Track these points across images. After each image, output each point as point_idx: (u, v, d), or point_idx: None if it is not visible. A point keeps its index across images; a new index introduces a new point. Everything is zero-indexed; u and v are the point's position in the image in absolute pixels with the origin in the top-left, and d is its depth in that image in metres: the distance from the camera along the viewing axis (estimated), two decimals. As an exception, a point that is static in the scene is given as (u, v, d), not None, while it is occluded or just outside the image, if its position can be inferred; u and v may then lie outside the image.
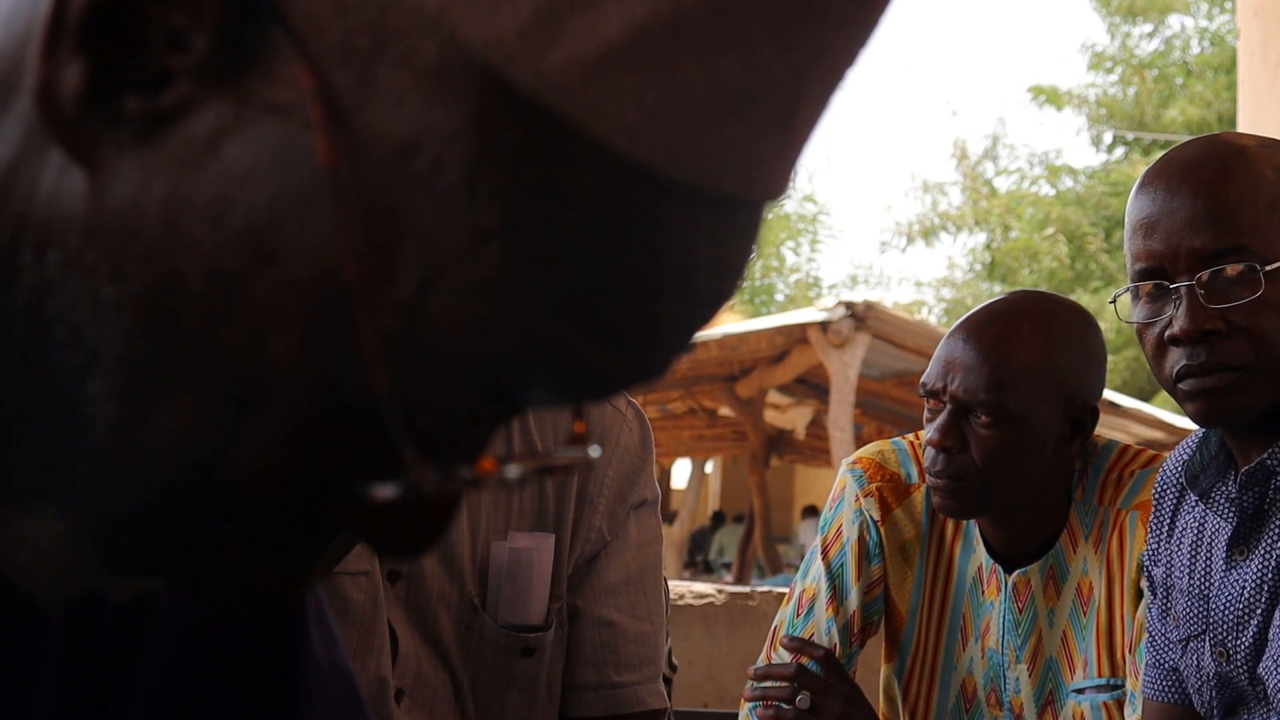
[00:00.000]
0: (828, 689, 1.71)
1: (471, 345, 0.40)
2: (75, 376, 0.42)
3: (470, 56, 0.38)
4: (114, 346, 0.41)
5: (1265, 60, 5.13)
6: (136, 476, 0.42)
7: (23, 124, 0.42)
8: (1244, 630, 1.35)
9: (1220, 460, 1.40)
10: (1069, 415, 1.65)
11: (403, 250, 0.39)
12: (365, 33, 0.39)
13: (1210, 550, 1.42)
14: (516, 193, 0.39)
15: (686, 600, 3.52)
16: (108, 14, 0.40)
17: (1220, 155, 1.33)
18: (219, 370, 0.41)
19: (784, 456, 13.69)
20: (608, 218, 0.39)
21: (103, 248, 0.41)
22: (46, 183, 0.42)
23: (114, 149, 0.41)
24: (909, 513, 1.80)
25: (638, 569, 1.55)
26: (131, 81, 0.40)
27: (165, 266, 0.40)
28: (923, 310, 19.75)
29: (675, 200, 0.40)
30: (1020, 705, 1.73)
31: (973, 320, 1.66)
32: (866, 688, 1.77)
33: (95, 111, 0.40)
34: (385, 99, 0.39)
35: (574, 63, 0.38)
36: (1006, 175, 20.24)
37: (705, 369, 10.44)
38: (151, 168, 0.40)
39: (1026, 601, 1.73)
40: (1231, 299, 1.29)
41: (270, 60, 0.39)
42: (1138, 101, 18.57)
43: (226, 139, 0.40)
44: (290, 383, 0.41)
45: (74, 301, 0.41)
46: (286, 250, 0.39)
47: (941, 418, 1.63)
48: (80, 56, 0.40)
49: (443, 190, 0.39)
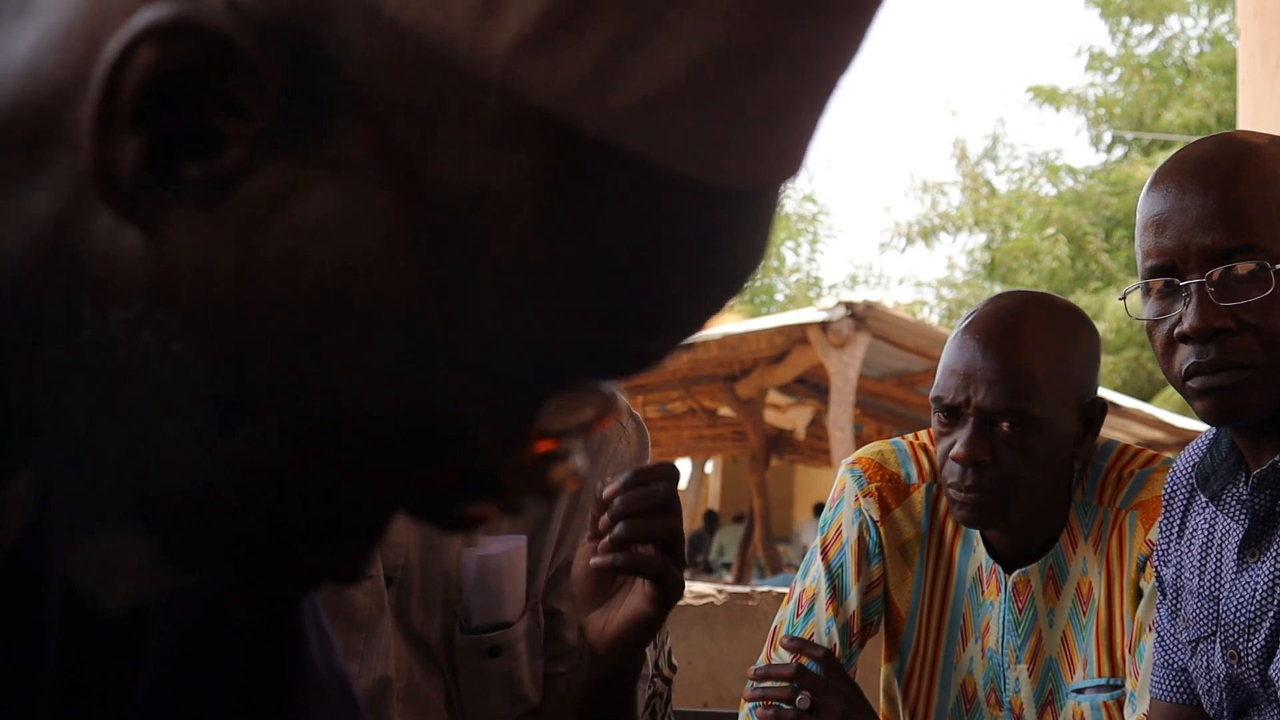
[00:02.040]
0: (828, 689, 1.71)
1: (540, 360, 0.43)
2: (150, 418, 0.43)
3: (535, 109, 0.39)
4: (190, 393, 0.42)
5: (1265, 60, 5.13)
6: (220, 499, 0.44)
7: (65, 178, 0.42)
8: (1255, 632, 1.35)
9: (1231, 462, 1.40)
10: (1082, 415, 1.65)
11: (482, 288, 0.41)
12: (425, 93, 0.39)
13: (1221, 552, 1.41)
14: (583, 220, 0.41)
15: (686, 600, 3.52)
16: (164, 89, 0.39)
17: (1232, 153, 1.33)
18: (300, 405, 0.42)
19: (784, 456, 13.70)
20: (655, 227, 0.42)
21: (173, 307, 0.41)
22: (99, 240, 0.42)
23: (174, 212, 0.41)
24: (909, 513, 1.80)
25: None
26: (189, 148, 0.40)
27: (240, 320, 0.41)
28: (923, 310, 19.74)
29: (712, 201, 0.42)
30: (1020, 705, 1.73)
31: (983, 327, 1.64)
32: (866, 688, 1.77)
33: (153, 180, 0.40)
34: (450, 152, 0.40)
35: (637, 102, 0.40)
36: (1006, 175, 20.24)
37: (705, 369, 10.44)
38: (217, 229, 0.41)
39: (1026, 602, 1.73)
40: (1242, 297, 1.29)
41: (330, 119, 0.40)
42: (1137, 101, 18.57)
43: (292, 197, 0.40)
44: (371, 413, 0.43)
45: (145, 355, 0.42)
46: (362, 298, 0.41)
47: (967, 432, 1.61)
48: (137, 133, 0.40)
49: (517, 230, 0.40)
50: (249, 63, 0.39)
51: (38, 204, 0.42)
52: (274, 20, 0.39)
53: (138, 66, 0.39)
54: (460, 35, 0.39)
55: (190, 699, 0.60)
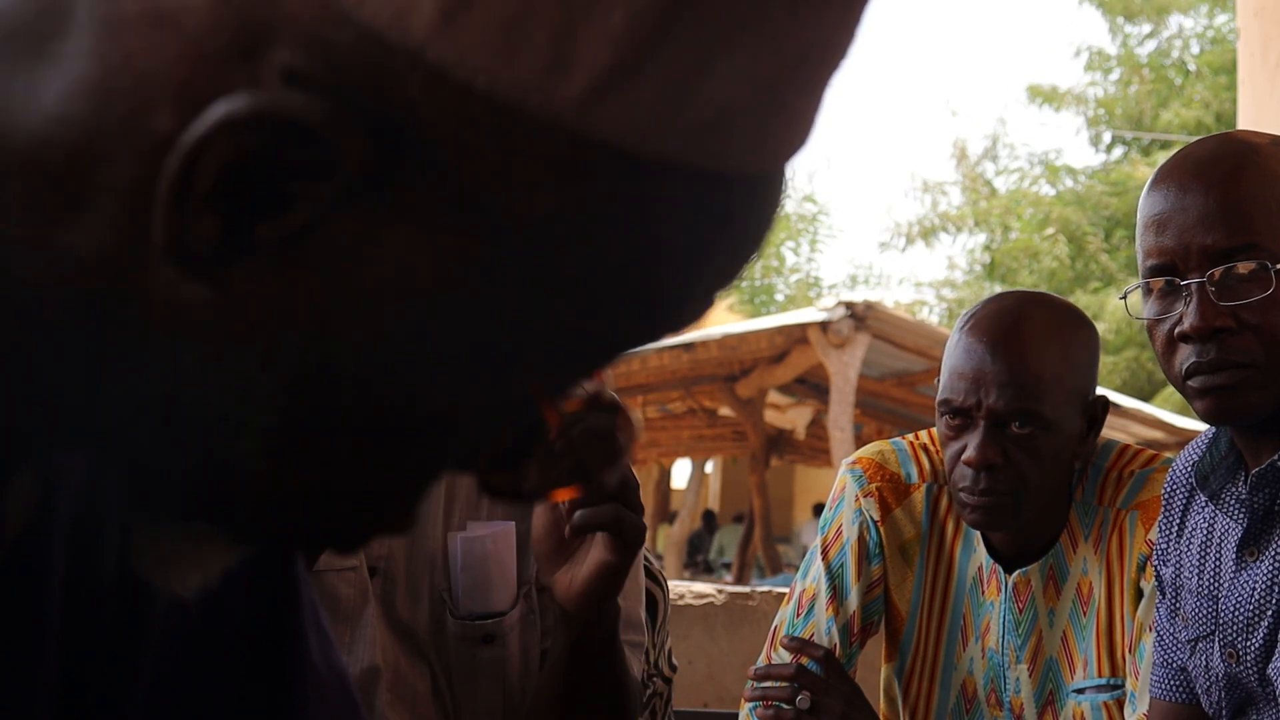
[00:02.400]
0: (828, 689, 1.71)
1: (574, 344, 0.46)
2: (221, 440, 0.44)
3: (603, 143, 0.41)
4: (263, 420, 0.44)
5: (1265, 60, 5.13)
6: (283, 496, 0.47)
7: (106, 227, 0.42)
8: (1254, 631, 1.35)
9: (1230, 461, 1.40)
10: (1085, 413, 1.66)
11: (535, 295, 0.43)
12: (493, 142, 0.41)
13: (1220, 551, 1.42)
14: (632, 223, 0.43)
15: (686, 600, 3.52)
16: (241, 170, 0.40)
17: (1234, 153, 1.33)
18: (365, 418, 0.45)
19: (784, 456, 13.70)
20: (689, 217, 0.44)
21: (247, 350, 0.43)
22: (163, 288, 0.42)
23: (244, 266, 0.41)
24: (909, 513, 1.80)
25: None
26: (262, 211, 0.41)
27: (310, 354, 0.43)
28: (923, 310, 19.74)
29: (735, 186, 0.44)
30: (1020, 705, 1.73)
31: (988, 328, 1.63)
32: (866, 688, 1.77)
33: (226, 244, 0.41)
34: (518, 190, 0.41)
35: (700, 124, 0.42)
36: (1006, 175, 20.24)
37: (705, 369, 10.44)
38: (286, 278, 0.42)
39: (1027, 602, 1.73)
40: (1242, 296, 1.29)
41: (399, 172, 0.41)
42: (1137, 102, 18.57)
43: (360, 245, 0.42)
44: (430, 413, 0.45)
45: (219, 390, 0.43)
46: (427, 324, 0.43)
47: (980, 435, 1.60)
48: (212, 209, 0.40)
49: (576, 246, 0.43)
50: (325, 137, 0.40)
51: (75, 243, 0.42)
52: (346, 92, 0.40)
53: (215, 156, 0.40)
54: (531, 90, 0.40)
55: (190, 699, 0.61)
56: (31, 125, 0.42)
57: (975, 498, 1.62)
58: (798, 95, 0.44)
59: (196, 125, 0.39)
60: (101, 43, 0.41)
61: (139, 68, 0.41)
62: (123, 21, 0.41)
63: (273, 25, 0.40)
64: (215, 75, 0.40)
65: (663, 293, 0.46)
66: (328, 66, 0.40)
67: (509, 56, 0.40)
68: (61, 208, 0.42)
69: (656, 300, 0.46)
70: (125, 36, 0.41)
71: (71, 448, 0.49)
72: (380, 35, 0.40)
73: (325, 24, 0.40)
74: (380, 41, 0.40)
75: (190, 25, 0.40)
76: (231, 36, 0.40)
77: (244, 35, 0.40)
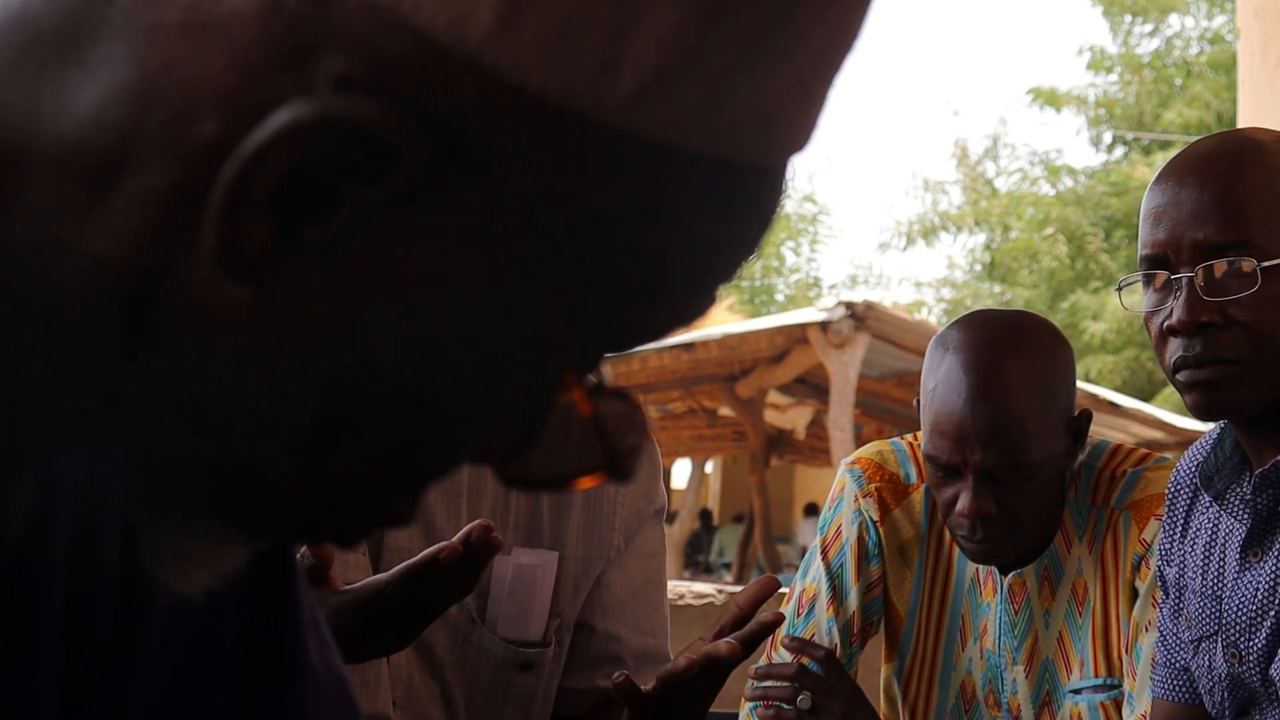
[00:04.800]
0: (829, 689, 1.71)
1: (588, 335, 0.47)
2: (249, 439, 0.45)
3: (646, 142, 0.42)
4: (294, 418, 0.44)
5: (1265, 60, 5.13)
6: (310, 503, 0.47)
7: (140, 230, 0.42)
8: (1257, 632, 1.35)
9: (1235, 461, 1.40)
10: (1070, 430, 1.65)
11: (564, 287, 0.44)
12: (540, 143, 0.41)
13: (1224, 551, 1.41)
14: (657, 213, 0.44)
15: (686, 600, 3.52)
16: (298, 177, 0.41)
17: (1235, 149, 1.33)
18: (402, 423, 0.45)
19: (784, 456, 13.69)
20: (696, 209, 0.45)
21: (284, 350, 0.43)
22: (200, 290, 0.43)
23: (289, 268, 0.42)
24: (908, 513, 1.80)
25: (641, 582, 1.55)
26: (310, 212, 0.41)
27: (354, 357, 0.43)
28: (923, 310, 19.73)
29: (744, 175, 0.45)
30: (1018, 707, 1.73)
31: (965, 380, 1.59)
32: (867, 688, 1.77)
33: (277, 248, 0.41)
34: (560, 189, 0.42)
35: (739, 121, 0.43)
36: (1007, 175, 20.22)
37: (705, 369, 10.44)
38: (330, 278, 0.42)
39: (1022, 603, 1.73)
40: (1231, 292, 1.29)
41: (447, 174, 0.42)
42: (1137, 102, 18.56)
43: (404, 245, 0.42)
44: (461, 406, 0.46)
45: (252, 389, 0.44)
46: (465, 320, 0.44)
47: (970, 489, 1.58)
48: (267, 215, 0.41)
49: (608, 237, 0.44)
50: (385, 142, 0.40)
51: (101, 245, 0.43)
52: (400, 97, 0.40)
53: (277, 162, 0.40)
54: (582, 92, 0.41)
55: (190, 701, 0.61)
56: (61, 129, 0.43)
57: (973, 544, 1.62)
58: (821, 87, 0.46)
59: (259, 131, 0.40)
60: (140, 50, 0.42)
61: (182, 75, 0.41)
62: (164, 30, 0.42)
63: (324, 33, 0.40)
64: (264, 83, 0.41)
65: (683, 282, 0.47)
66: (380, 72, 0.40)
67: (563, 59, 0.41)
68: (89, 210, 0.43)
69: (677, 289, 0.47)
70: (167, 44, 0.42)
71: (87, 446, 0.49)
72: (436, 40, 0.40)
73: (379, 31, 0.40)
74: (435, 46, 0.40)
75: (238, 35, 0.41)
76: (282, 45, 0.41)
77: (294, 44, 0.41)
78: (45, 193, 0.43)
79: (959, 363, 1.60)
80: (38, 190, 0.43)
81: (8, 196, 0.43)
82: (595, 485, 0.52)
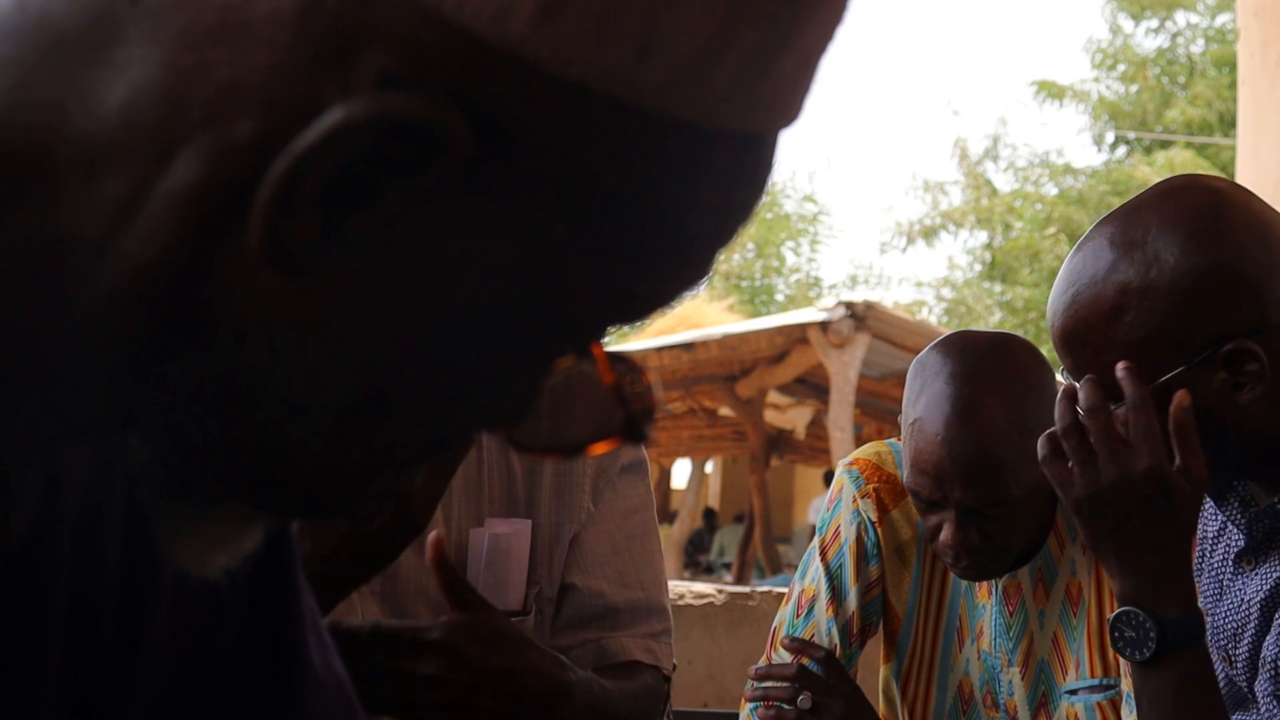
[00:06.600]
0: (829, 689, 1.71)
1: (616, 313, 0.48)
2: (279, 423, 0.45)
3: (676, 121, 0.44)
4: (327, 402, 0.45)
5: (1265, 60, 5.13)
6: (335, 484, 0.48)
7: (171, 226, 0.43)
8: (1240, 639, 1.37)
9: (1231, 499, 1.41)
10: None
11: (612, 271, 0.46)
12: (575, 128, 0.43)
13: (1224, 556, 1.43)
14: (673, 187, 0.45)
15: (686, 600, 3.52)
16: (347, 172, 0.41)
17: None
18: (431, 403, 0.46)
19: (784, 456, 13.70)
20: (710, 180, 0.46)
21: (321, 336, 0.44)
22: (237, 281, 0.43)
23: (329, 257, 0.43)
24: (906, 514, 1.80)
25: (623, 538, 1.54)
26: (352, 203, 0.42)
27: (388, 342, 0.44)
28: (923, 310, 19.70)
29: (742, 145, 0.47)
30: (1015, 708, 1.74)
31: (942, 419, 1.57)
32: (866, 688, 1.78)
33: (321, 241, 0.42)
34: (591, 170, 0.43)
35: (760, 98, 0.45)
36: (1008, 174, 20.21)
37: (705, 369, 10.44)
38: (368, 266, 0.43)
39: (1017, 605, 1.73)
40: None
41: (483, 162, 0.42)
42: (1140, 101, 18.54)
43: (440, 232, 0.43)
44: (485, 382, 0.47)
45: (285, 375, 0.44)
46: (495, 299, 0.45)
47: (952, 523, 1.58)
48: (315, 209, 0.42)
49: (632, 210, 0.45)
50: (430, 136, 0.41)
51: (131, 241, 0.43)
52: (442, 91, 0.41)
53: (329, 160, 0.41)
54: (619, 78, 0.42)
55: (191, 700, 0.61)
56: (89, 128, 0.43)
57: (960, 568, 1.63)
58: (818, 59, 0.48)
59: (311, 130, 0.41)
60: (172, 51, 0.42)
61: (218, 76, 0.42)
62: (199, 32, 0.42)
63: (365, 32, 0.41)
64: (304, 82, 0.41)
65: (698, 250, 0.48)
66: (422, 67, 0.41)
67: (600, 48, 0.42)
68: (122, 208, 0.43)
69: (693, 258, 0.49)
70: (202, 46, 0.42)
71: (112, 437, 0.49)
72: (478, 35, 0.41)
73: (420, 29, 0.41)
74: (477, 41, 0.41)
75: (276, 37, 0.41)
76: (322, 45, 0.41)
77: (335, 43, 0.41)
78: (77, 190, 0.43)
79: (936, 397, 1.59)
80: (69, 188, 0.43)
81: (40, 195, 0.44)
82: (608, 450, 0.52)
